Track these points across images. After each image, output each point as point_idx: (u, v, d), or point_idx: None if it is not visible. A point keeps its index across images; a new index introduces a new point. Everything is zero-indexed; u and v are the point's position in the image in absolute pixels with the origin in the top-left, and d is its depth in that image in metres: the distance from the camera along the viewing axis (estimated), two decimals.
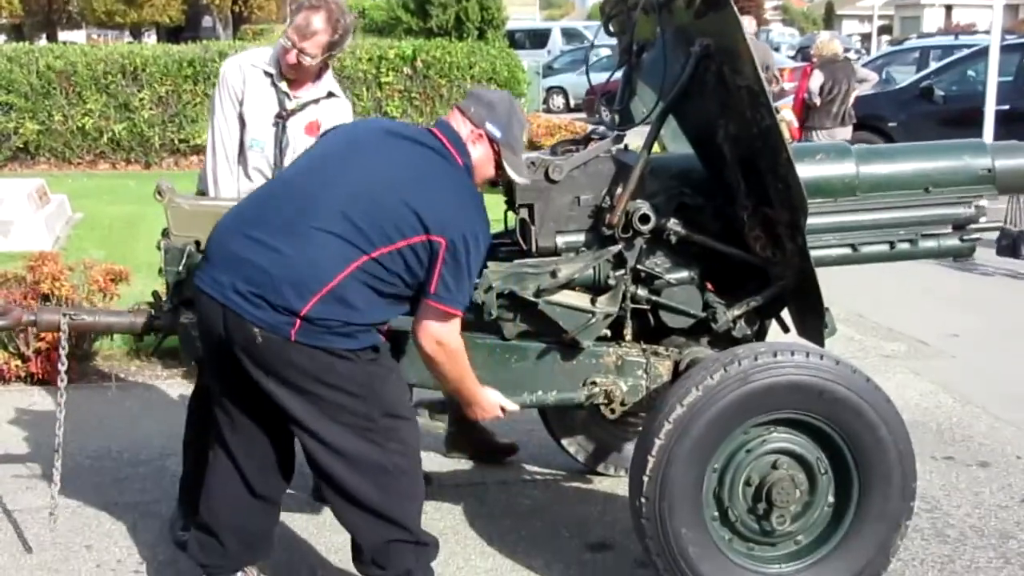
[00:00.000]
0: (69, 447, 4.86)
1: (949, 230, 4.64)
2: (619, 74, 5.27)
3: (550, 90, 29.35)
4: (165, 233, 4.52)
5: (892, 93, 16.12)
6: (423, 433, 4.23)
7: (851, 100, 12.38)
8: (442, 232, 3.73)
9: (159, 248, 4.50)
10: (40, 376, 6.66)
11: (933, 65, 17.06)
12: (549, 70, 29.21)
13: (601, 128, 5.06)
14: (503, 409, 4.18)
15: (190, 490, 4.47)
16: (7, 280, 6.89)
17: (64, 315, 4.40)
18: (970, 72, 15.95)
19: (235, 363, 3.82)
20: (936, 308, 9.35)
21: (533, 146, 12.56)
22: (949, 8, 48.92)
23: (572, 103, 28.73)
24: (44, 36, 36.96)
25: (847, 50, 19.35)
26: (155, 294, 4.60)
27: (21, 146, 17.10)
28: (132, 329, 4.55)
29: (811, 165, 4.46)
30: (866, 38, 42.99)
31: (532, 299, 4.29)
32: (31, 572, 4.55)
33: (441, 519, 5.09)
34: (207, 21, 40.53)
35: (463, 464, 5.78)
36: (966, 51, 16.61)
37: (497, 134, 3.97)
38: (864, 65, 18.35)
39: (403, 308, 3.89)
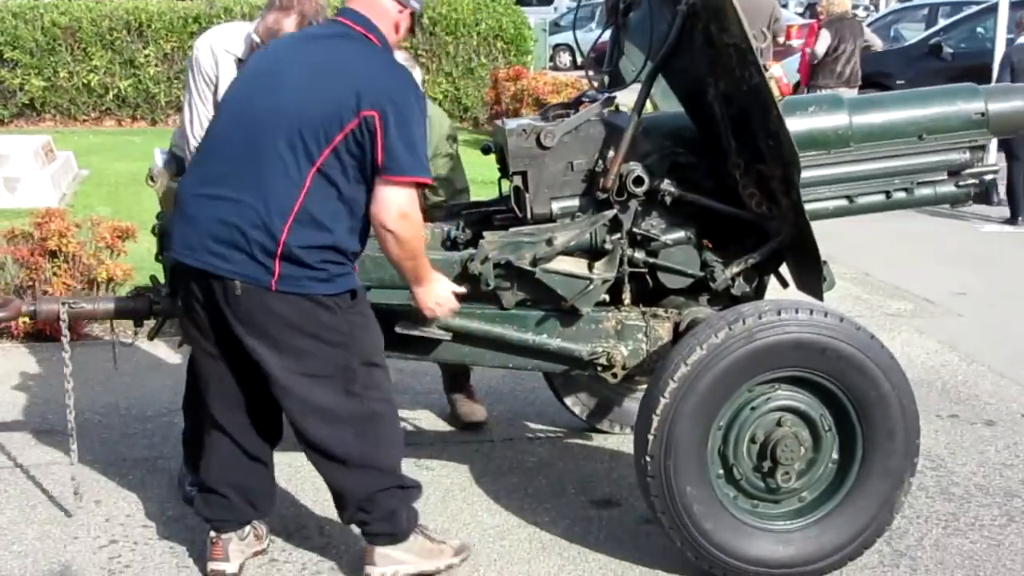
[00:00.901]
0: (78, 404, 4.87)
1: (945, 177, 4.64)
2: (607, 35, 5.24)
3: (557, 47, 29.21)
4: (160, 217, 4.53)
5: (900, 50, 15.99)
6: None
7: (857, 59, 12.25)
8: (372, 105, 3.74)
9: (154, 233, 4.52)
10: (48, 333, 6.66)
11: (942, 22, 16.89)
12: (556, 27, 29.06)
13: (591, 91, 5.05)
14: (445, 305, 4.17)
15: (193, 449, 4.49)
16: (15, 236, 6.92)
17: (63, 304, 4.43)
18: (979, 29, 15.82)
19: (217, 326, 3.93)
20: (943, 266, 9.33)
21: (540, 104, 12.49)
22: None
23: (579, 60, 28.64)
24: None
25: (855, 7, 19.24)
26: (153, 279, 4.63)
27: (27, 103, 17.07)
28: (132, 315, 4.58)
29: (803, 118, 4.47)
30: None
31: (529, 268, 4.31)
32: (40, 526, 4.59)
33: (447, 476, 5.13)
34: None
35: None
36: (975, 8, 16.47)
37: (416, 6, 4.05)
38: (872, 22, 18.24)
39: (366, 224, 3.94)
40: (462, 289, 4.20)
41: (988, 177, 4.99)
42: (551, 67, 25.96)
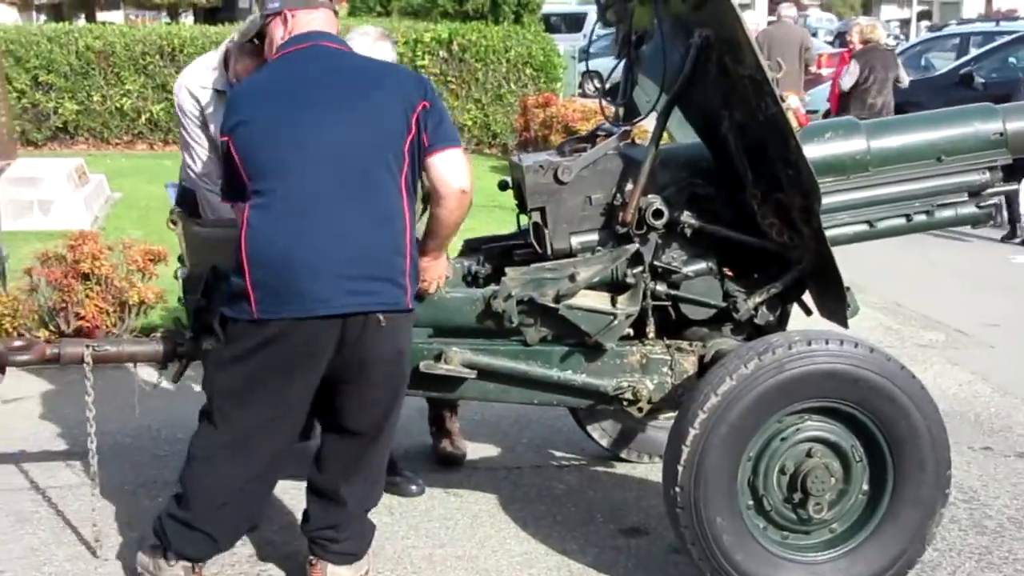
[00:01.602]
0: (109, 425, 4.93)
1: (965, 198, 4.61)
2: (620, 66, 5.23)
3: (585, 74, 29.18)
4: (181, 260, 4.56)
5: (931, 80, 15.95)
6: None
7: (889, 91, 12.11)
8: (421, 98, 3.95)
9: (176, 277, 4.56)
10: None
11: (973, 52, 16.87)
12: (585, 54, 29.08)
13: (607, 124, 5.06)
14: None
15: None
16: (48, 259, 6.97)
17: (87, 347, 4.46)
18: (1011, 59, 15.79)
19: (318, 367, 3.94)
20: (975, 296, 9.28)
21: (569, 131, 12.51)
22: None
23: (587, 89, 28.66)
24: (83, 16, 37.10)
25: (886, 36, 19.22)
26: (177, 321, 4.66)
27: (60, 126, 17.22)
28: (155, 357, 4.62)
29: (820, 144, 4.47)
30: (905, 24, 42.65)
31: (552, 305, 4.32)
32: (71, 548, 4.62)
33: (476, 502, 5.14)
34: (244, 1, 40.55)
35: (498, 448, 5.82)
36: (1007, 37, 16.44)
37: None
38: (902, 52, 18.20)
39: None
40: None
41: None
42: (580, 94, 26.07)
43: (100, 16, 37.33)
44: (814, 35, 28.63)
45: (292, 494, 4.95)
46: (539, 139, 14.49)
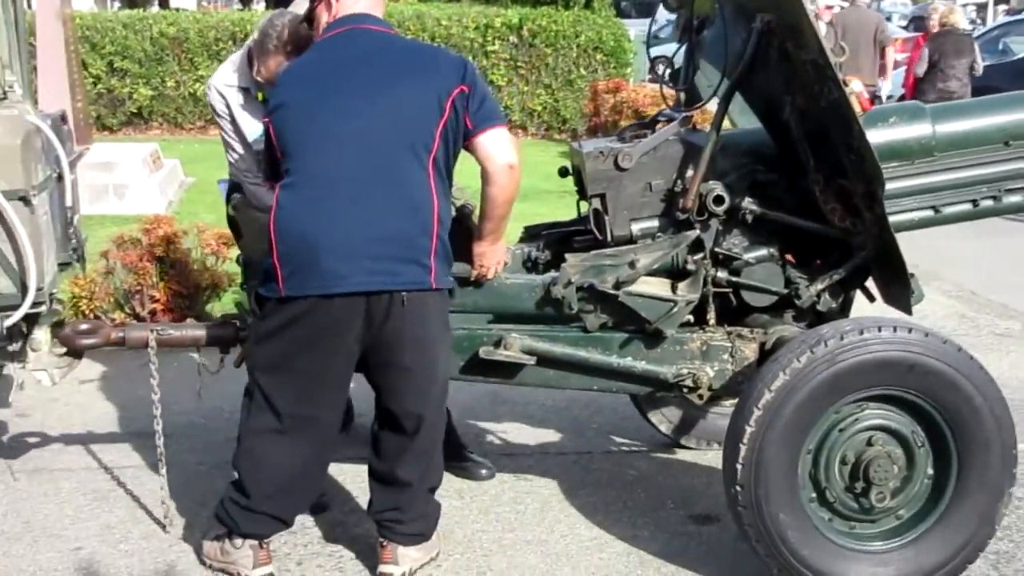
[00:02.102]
0: (183, 406, 4.98)
1: None
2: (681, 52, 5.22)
3: (656, 59, 29.02)
4: (242, 247, 4.62)
5: (1008, 64, 15.70)
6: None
7: (963, 76, 11.90)
8: (459, 81, 3.99)
9: (238, 263, 4.60)
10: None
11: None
12: (655, 39, 28.94)
13: (668, 110, 5.06)
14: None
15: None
16: (124, 242, 7.07)
17: (152, 331, 4.55)
18: None
19: (354, 345, 3.99)
20: None
21: (639, 117, 12.47)
22: None
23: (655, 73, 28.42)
24: (156, 3, 37.48)
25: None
26: (239, 305, 4.72)
27: (135, 111, 17.49)
28: (218, 341, 4.71)
29: (884, 129, 4.43)
30: (982, 8, 41.98)
31: (612, 291, 4.34)
32: (147, 526, 4.73)
33: (545, 487, 5.17)
34: None
35: (568, 433, 5.84)
36: None
37: None
38: (979, 36, 17.93)
39: None
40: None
41: None
42: (651, 79, 25.95)
43: (174, 3, 37.69)
44: (888, 19, 28.31)
45: (362, 476, 4.99)
46: (608, 124, 14.47)
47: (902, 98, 12.72)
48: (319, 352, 3.98)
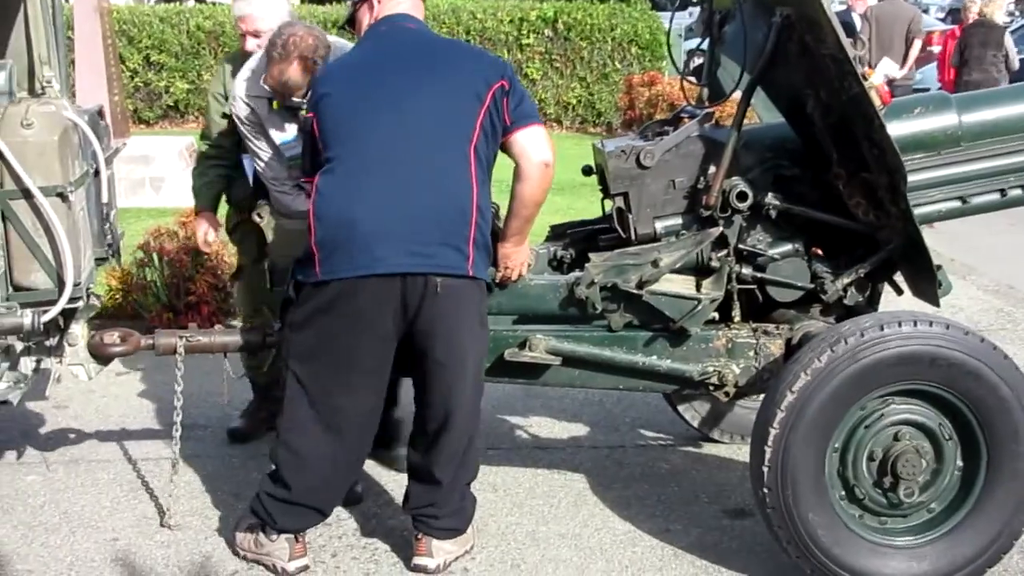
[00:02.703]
0: (219, 398, 4.98)
1: None
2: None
3: (692, 52, 28.97)
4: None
5: None
6: None
7: (991, 67, 11.80)
8: (499, 76, 4.05)
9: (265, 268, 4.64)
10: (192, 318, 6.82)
11: None
12: (691, 32, 28.91)
13: (690, 106, 5.06)
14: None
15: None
16: (161, 235, 7.11)
17: (180, 338, 4.59)
18: None
19: (390, 330, 4.01)
20: None
21: (674, 109, 12.44)
22: None
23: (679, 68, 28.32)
24: None
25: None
26: (266, 312, 4.75)
27: (172, 104, 17.60)
28: (246, 347, 4.76)
29: (909, 120, 4.42)
30: (1021, 0, 41.62)
31: (636, 291, 4.35)
32: (181, 517, 4.76)
33: (579, 480, 5.19)
34: None
35: (601, 427, 5.85)
36: None
37: None
38: (1016, 29, 17.77)
39: None
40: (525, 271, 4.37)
41: None
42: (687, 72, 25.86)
43: None
44: (925, 11, 28.07)
45: (394, 470, 5.04)
46: (644, 118, 14.40)
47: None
48: (355, 336, 4.00)
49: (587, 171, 5.04)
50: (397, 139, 3.98)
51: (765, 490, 4.02)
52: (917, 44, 13.19)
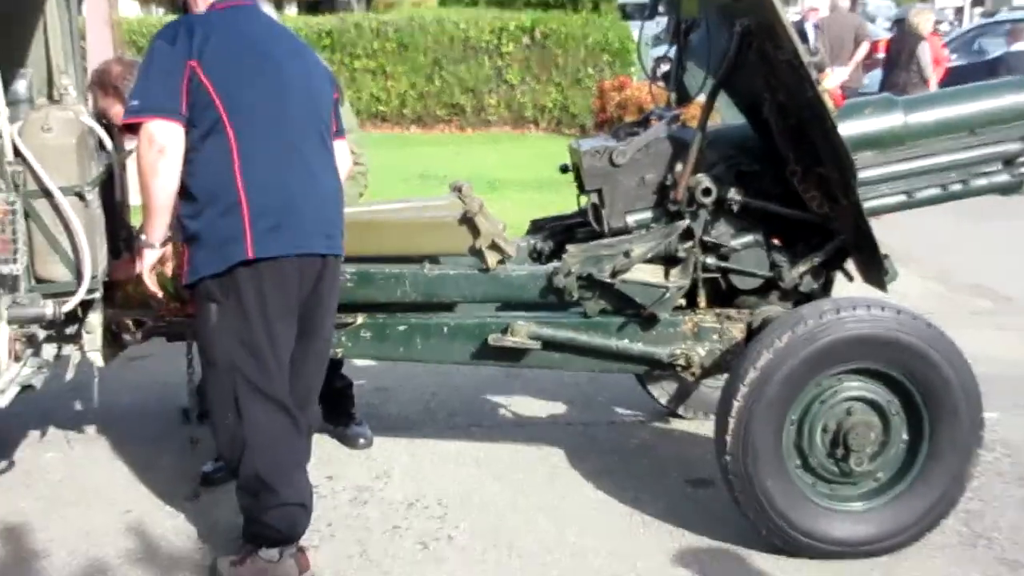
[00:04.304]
0: None
1: (999, 167, 4.53)
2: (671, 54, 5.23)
3: (659, 59, 28.90)
4: None
5: (982, 64, 15.62)
6: None
7: (906, 71, 11.89)
8: (337, 89, 4.15)
9: None
10: None
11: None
12: (658, 40, 28.90)
13: (658, 108, 5.07)
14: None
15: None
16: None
17: (188, 326, 4.48)
18: None
19: (294, 304, 3.80)
20: (1023, 266, 9.12)
21: (642, 111, 12.45)
22: None
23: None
24: None
25: (939, 22, 18.72)
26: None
27: None
28: None
29: (859, 120, 4.43)
30: (959, 11, 41.71)
31: (609, 280, 4.37)
32: (190, 490, 4.74)
33: (556, 454, 5.20)
34: None
35: (576, 405, 5.87)
36: None
37: None
38: (955, 37, 17.89)
39: None
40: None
41: None
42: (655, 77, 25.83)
43: None
44: (873, 22, 28.12)
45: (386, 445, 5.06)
46: (615, 120, 14.41)
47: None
48: (282, 312, 3.74)
49: (563, 169, 5.05)
50: (302, 126, 3.81)
51: (727, 458, 4.06)
52: (863, 48, 13.35)
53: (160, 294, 4.06)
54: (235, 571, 3.92)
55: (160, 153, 3.58)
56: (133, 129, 3.67)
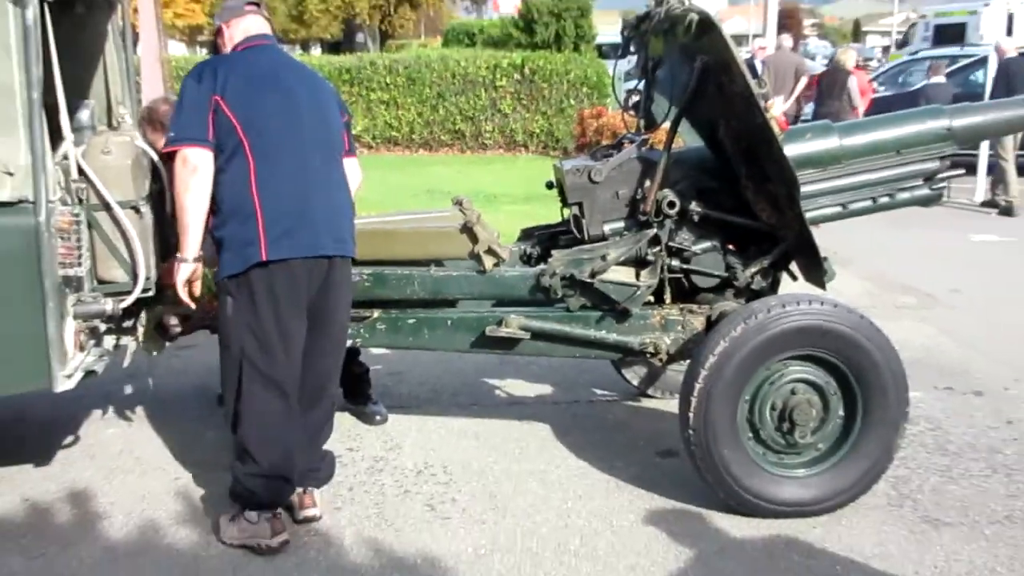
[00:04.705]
0: None
1: (920, 182, 4.53)
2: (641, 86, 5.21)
3: (629, 91, 28.91)
4: None
5: (905, 94, 15.64)
6: None
7: (835, 102, 11.86)
8: (346, 113, 4.09)
9: None
10: None
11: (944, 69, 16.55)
12: (629, 75, 28.87)
13: (630, 133, 5.06)
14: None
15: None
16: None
17: None
18: (971, 76, 15.51)
19: (304, 299, 3.80)
20: (942, 267, 9.11)
21: (615, 134, 12.45)
22: None
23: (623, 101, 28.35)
24: None
25: (868, 60, 18.72)
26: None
27: None
28: None
29: (801, 143, 4.42)
30: (886, 50, 41.81)
31: (588, 280, 4.35)
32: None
33: (544, 429, 5.19)
34: (360, 37, 40.56)
35: (561, 387, 5.85)
36: (967, 60, 16.15)
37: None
38: (884, 72, 17.91)
39: None
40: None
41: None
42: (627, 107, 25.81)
43: None
44: (812, 59, 28.15)
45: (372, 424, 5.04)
46: (593, 143, 14.41)
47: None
48: (291, 308, 3.75)
49: (549, 185, 5.04)
50: (314, 147, 3.81)
51: (690, 432, 4.06)
52: (802, 81, 13.41)
53: (192, 305, 4.00)
54: (226, 526, 3.97)
55: (192, 172, 3.65)
56: (172, 157, 3.71)
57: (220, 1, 4.03)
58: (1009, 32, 22.81)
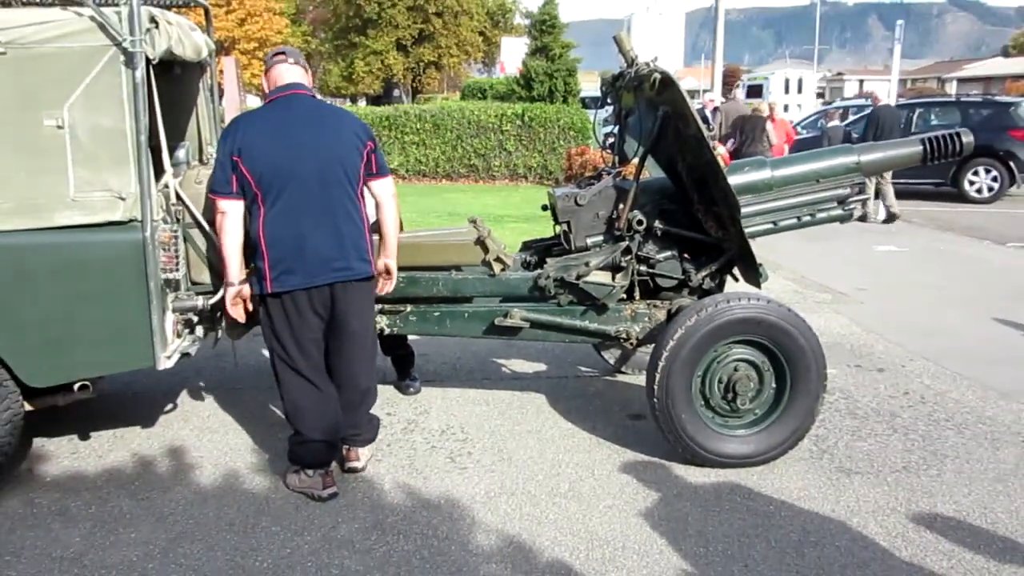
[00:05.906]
0: None
1: (835, 205, 4.50)
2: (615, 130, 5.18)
3: (607, 134, 28.91)
4: None
5: (820, 136, 15.62)
6: None
7: (756, 143, 11.76)
8: (369, 137, 3.75)
9: None
10: None
11: (851, 117, 16.53)
12: (607, 121, 28.88)
13: (607, 167, 5.06)
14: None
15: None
16: None
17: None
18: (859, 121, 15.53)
19: (319, 317, 3.75)
20: (853, 271, 9.04)
21: (595, 168, 12.41)
22: (861, 82, 47.92)
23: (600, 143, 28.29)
24: None
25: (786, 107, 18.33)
26: None
27: None
28: None
29: (741, 175, 4.40)
30: (821, 95, 41.76)
31: (575, 281, 4.33)
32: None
33: (539, 398, 5.15)
34: (396, 92, 40.54)
35: (553, 365, 5.81)
36: (869, 109, 16.13)
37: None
38: (805, 118, 17.83)
39: None
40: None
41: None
42: (602, 147, 25.71)
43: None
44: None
45: (407, 395, 4.98)
46: (578, 175, 14.39)
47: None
48: (300, 320, 3.72)
49: (544, 208, 5.02)
50: (315, 187, 3.61)
51: (655, 400, 4.04)
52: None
53: (242, 318, 3.83)
54: (290, 476, 3.98)
55: (224, 217, 3.63)
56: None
57: None
58: (786, 91, 34.71)
